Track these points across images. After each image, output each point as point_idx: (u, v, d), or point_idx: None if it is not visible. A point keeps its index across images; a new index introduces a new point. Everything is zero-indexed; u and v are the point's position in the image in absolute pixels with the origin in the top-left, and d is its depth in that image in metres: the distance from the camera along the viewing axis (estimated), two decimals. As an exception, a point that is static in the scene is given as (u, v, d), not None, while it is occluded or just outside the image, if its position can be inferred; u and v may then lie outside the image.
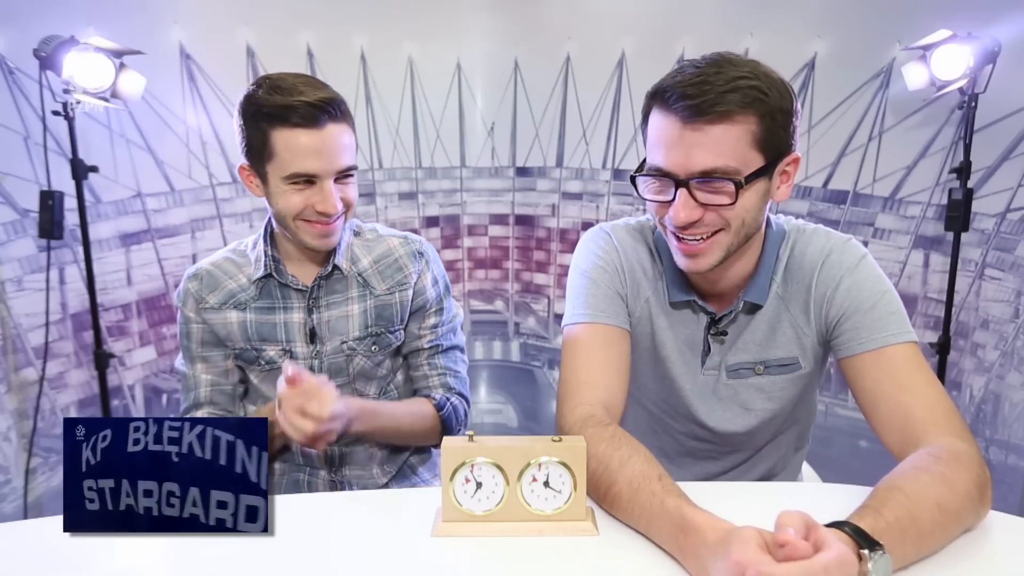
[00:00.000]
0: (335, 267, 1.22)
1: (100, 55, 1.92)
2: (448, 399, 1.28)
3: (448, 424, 1.27)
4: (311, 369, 1.23)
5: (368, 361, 1.27)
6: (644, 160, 0.96)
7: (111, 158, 2.22)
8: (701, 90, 0.86)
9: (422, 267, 1.28)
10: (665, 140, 0.90)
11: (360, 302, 1.24)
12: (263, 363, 1.25)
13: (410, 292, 1.27)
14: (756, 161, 0.90)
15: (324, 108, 1.09)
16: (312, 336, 1.24)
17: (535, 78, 2.49)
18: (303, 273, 1.23)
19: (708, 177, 0.89)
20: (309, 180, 1.11)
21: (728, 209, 0.91)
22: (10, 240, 2.12)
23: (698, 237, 0.93)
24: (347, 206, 1.16)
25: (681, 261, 0.97)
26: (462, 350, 1.35)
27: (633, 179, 0.96)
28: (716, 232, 0.93)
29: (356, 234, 1.28)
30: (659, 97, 0.91)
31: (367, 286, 1.25)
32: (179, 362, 1.29)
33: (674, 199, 0.91)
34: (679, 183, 0.90)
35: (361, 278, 1.25)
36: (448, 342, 1.32)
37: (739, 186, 0.89)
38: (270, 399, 1.23)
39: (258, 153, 1.12)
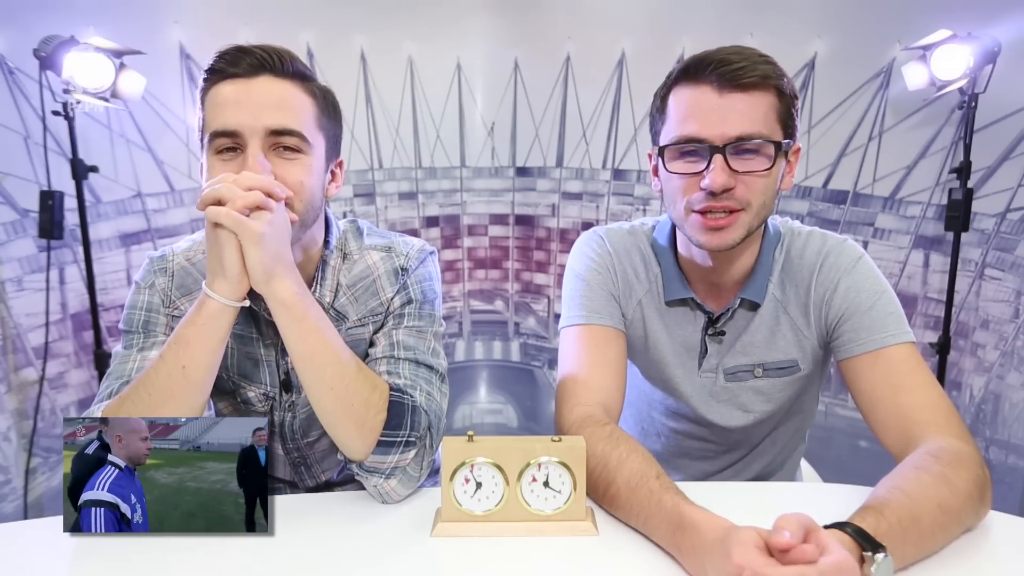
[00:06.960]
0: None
1: (100, 55, 1.92)
2: (407, 393, 0.92)
3: (397, 414, 0.89)
4: (283, 423, 1.06)
5: None
6: (656, 146, 0.98)
7: (111, 158, 2.21)
8: (737, 58, 0.90)
9: (400, 286, 1.02)
10: (699, 109, 0.92)
11: None
12: (239, 401, 1.05)
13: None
14: (778, 136, 0.93)
15: (261, 59, 0.89)
16: (287, 383, 1.04)
17: (535, 78, 2.49)
18: None
19: (743, 142, 0.91)
20: (234, 147, 0.89)
21: (759, 178, 0.92)
22: (10, 240, 2.11)
23: (723, 212, 0.93)
24: (294, 191, 0.89)
25: (704, 238, 0.96)
26: (441, 377, 1.00)
27: (662, 151, 0.96)
28: (738, 211, 0.94)
29: (345, 256, 1.03)
30: (688, 72, 0.93)
31: (342, 319, 1.01)
32: (118, 349, 0.99)
33: (708, 167, 0.92)
34: (714, 149, 0.91)
35: (335, 311, 1.01)
36: (411, 354, 0.98)
37: (778, 148, 0.92)
38: None
39: (201, 127, 0.92)
